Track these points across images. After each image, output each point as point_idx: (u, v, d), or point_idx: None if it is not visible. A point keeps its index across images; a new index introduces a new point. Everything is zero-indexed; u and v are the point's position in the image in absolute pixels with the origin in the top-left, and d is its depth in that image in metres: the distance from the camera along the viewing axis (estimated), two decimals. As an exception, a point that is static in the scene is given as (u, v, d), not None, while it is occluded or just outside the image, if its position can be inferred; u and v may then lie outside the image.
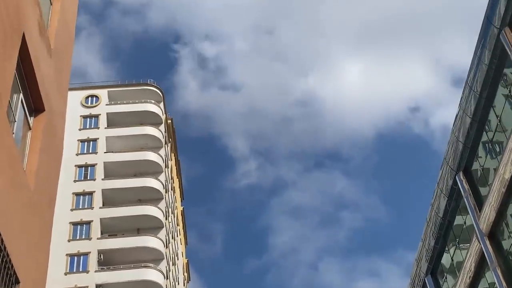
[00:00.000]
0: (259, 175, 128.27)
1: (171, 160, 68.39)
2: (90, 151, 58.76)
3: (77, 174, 56.72)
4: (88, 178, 56.78)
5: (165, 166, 62.02)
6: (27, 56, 11.54)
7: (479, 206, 22.05)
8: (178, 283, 65.86)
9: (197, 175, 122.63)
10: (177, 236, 69.05)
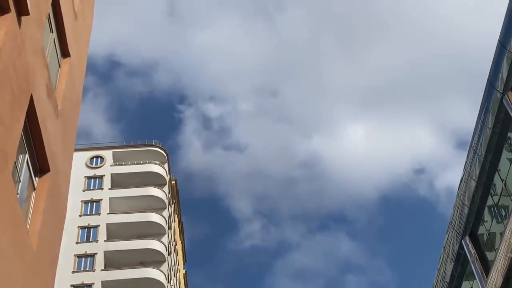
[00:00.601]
0: (263, 237, 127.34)
1: (174, 221, 68.03)
2: (94, 212, 58.56)
3: (79, 235, 56.33)
4: (91, 239, 56.38)
5: (168, 228, 61.64)
6: (34, 117, 11.64)
7: (486, 272, 21.73)
8: None
9: (200, 236, 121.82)
10: (179, 299, 68.00)
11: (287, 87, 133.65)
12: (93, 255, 55.13)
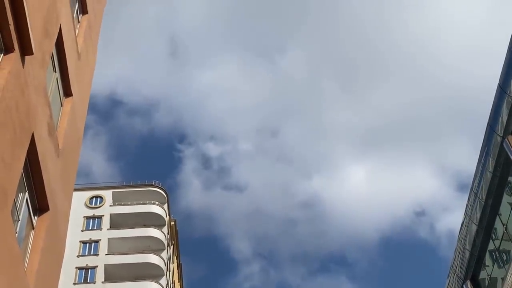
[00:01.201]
0: (262, 279, 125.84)
1: (173, 263, 67.43)
2: (92, 253, 58.07)
3: (77, 276, 55.74)
4: (88, 281, 55.74)
5: (167, 270, 61.03)
6: (35, 156, 11.64)
7: (488, 317, 21.47)
8: None
9: (199, 277, 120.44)
10: None
11: (287, 127, 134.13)
12: (90, 297, 54.45)
